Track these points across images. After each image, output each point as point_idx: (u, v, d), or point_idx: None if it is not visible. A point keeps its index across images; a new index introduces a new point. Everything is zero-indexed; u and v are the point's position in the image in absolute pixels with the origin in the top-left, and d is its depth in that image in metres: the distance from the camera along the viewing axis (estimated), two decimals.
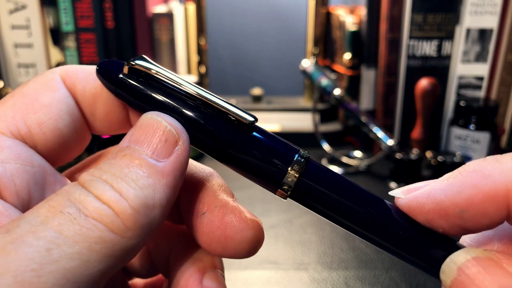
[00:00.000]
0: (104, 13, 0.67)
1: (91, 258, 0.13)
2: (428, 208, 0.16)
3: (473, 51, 0.65)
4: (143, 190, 0.15)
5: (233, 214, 0.17)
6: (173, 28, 0.75)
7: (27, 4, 0.67)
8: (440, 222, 0.16)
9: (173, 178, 0.15)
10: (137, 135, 0.16)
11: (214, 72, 1.03)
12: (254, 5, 1.04)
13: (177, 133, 0.16)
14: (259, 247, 0.17)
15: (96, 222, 0.14)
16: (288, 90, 1.05)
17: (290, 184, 0.17)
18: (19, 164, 0.16)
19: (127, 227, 0.14)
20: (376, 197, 0.17)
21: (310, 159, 0.18)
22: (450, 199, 0.15)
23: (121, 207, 0.14)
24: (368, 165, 0.68)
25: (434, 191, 0.16)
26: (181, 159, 0.16)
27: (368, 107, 0.74)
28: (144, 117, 0.16)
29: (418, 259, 0.17)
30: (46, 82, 0.18)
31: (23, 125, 0.17)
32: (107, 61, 0.18)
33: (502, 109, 0.66)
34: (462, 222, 0.15)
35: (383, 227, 0.17)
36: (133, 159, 0.15)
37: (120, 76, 0.17)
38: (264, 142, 0.17)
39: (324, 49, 0.84)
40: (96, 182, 0.14)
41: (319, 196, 0.17)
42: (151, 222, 0.15)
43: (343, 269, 0.44)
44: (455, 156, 0.60)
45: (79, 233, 0.13)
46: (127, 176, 0.15)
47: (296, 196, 0.18)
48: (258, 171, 0.17)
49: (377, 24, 0.69)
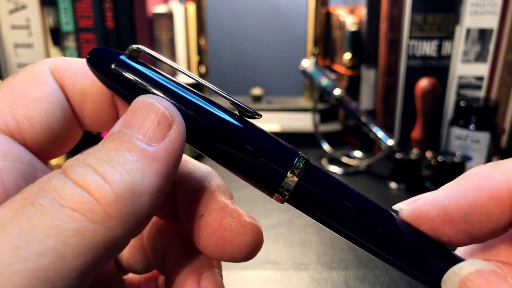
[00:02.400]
0: (104, 13, 0.67)
1: (67, 254, 0.12)
2: (432, 214, 0.16)
3: (473, 51, 0.65)
4: (130, 174, 0.13)
5: (232, 218, 0.16)
6: (173, 28, 0.75)
7: (27, 4, 0.67)
8: (445, 228, 0.15)
9: (165, 164, 0.14)
10: (129, 118, 0.15)
11: (214, 72, 1.03)
12: (254, 5, 1.04)
13: (171, 116, 0.15)
14: (258, 251, 0.17)
15: (72, 212, 0.12)
16: (288, 90, 1.05)
17: (289, 189, 0.16)
18: (8, 161, 0.15)
19: (109, 215, 0.13)
20: (378, 206, 0.17)
21: (309, 163, 0.17)
22: (454, 203, 0.15)
23: (103, 192, 0.13)
24: (368, 165, 0.68)
25: (438, 197, 0.16)
26: (174, 143, 0.15)
27: (368, 107, 0.74)
28: (136, 100, 0.15)
29: (418, 270, 0.16)
30: (35, 74, 0.17)
31: (11, 119, 0.16)
32: (98, 49, 0.17)
33: (502, 109, 0.66)
34: (467, 227, 0.15)
35: (383, 237, 0.16)
36: (122, 142, 0.14)
37: (113, 67, 0.16)
38: (262, 142, 0.16)
39: (324, 49, 0.84)
40: (77, 167, 0.13)
41: (317, 202, 0.16)
42: (139, 210, 0.13)
43: (343, 269, 0.44)
44: (455, 156, 0.60)
45: (52, 226, 0.12)
46: (114, 160, 0.13)
47: (294, 201, 0.17)
48: (255, 173, 0.16)
49: (377, 24, 0.69)
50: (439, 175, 0.60)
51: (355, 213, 0.16)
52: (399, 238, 0.16)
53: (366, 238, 0.16)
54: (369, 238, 0.16)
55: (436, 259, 0.16)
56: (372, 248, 0.16)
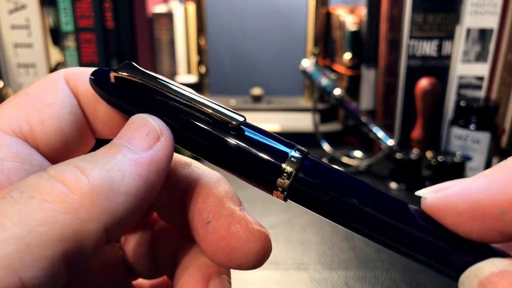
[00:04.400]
0: (104, 13, 0.67)
1: (32, 242, 0.12)
2: (461, 208, 0.14)
3: (473, 51, 0.65)
4: (110, 172, 0.14)
5: (240, 225, 0.16)
6: (173, 28, 0.75)
7: (27, 4, 0.67)
8: (474, 225, 0.14)
9: (147, 170, 0.15)
10: (122, 132, 0.16)
11: (214, 72, 1.03)
12: (254, 5, 1.04)
13: (160, 130, 0.16)
14: (266, 259, 0.16)
15: (43, 202, 0.12)
16: (288, 90, 1.05)
17: (286, 182, 0.16)
18: (17, 162, 0.16)
19: (81, 206, 0.13)
20: (388, 196, 0.15)
21: (308, 155, 0.16)
22: (490, 198, 0.13)
23: (78, 183, 0.13)
24: (368, 165, 0.67)
25: (469, 189, 0.14)
26: (160, 154, 0.15)
27: (368, 107, 0.74)
28: (132, 117, 0.17)
29: (441, 264, 0.14)
30: (50, 82, 0.18)
31: (25, 123, 0.17)
32: (101, 70, 0.18)
33: (502, 109, 0.66)
34: (502, 225, 0.13)
35: (393, 229, 0.15)
36: (110, 148, 0.15)
37: (111, 84, 0.17)
38: (255, 140, 0.16)
39: (324, 49, 0.84)
40: (59, 165, 0.14)
41: (319, 195, 0.16)
42: (113, 207, 0.13)
43: (343, 269, 0.44)
44: (455, 156, 0.60)
45: (18, 215, 0.12)
46: (98, 160, 0.14)
47: (295, 197, 0.16)
48: (251, 172, 0.16)
49: (377, 24, 0.69)
50: (439, 175, 0.60)
51: (362, 203, 0.15)
52: (412, 230, 0.15)
53: (375, 230, 0.15)
54: (379, 230, 0.15)
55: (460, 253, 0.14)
56: (384, 240, 0.15)
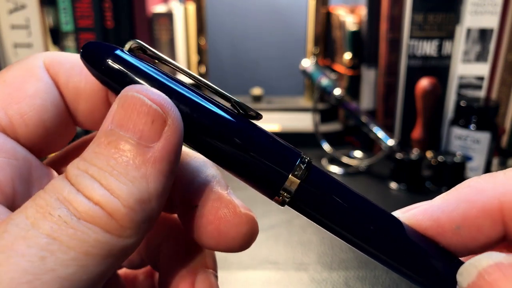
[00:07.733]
0: (104, 13, 0.67)
1: (88, 263, 0.13)
2: (425, 225, 0.16)
3: (474, 51, 0.65)
4: (135, 183, 0.13)
5: (227, 209, 0.16)
6: (173, 28, 0.75)
7: (27, 4, 0.67)
8: (438, 240, 0.16)
9: (167, 163, 0.14)
10: (120, 117, 0.14)
11: (214, 72, 1.02)
12: (254, 5, 1.04)
13: (164, 111, 0.14)
14: (253, 241, 0.17)
15: (91, 225, 0.13)
16: (288, 90, 1.05)
17: (290, 191, 0.16)
18: (2, 157, 0.15)
19: (124, 226, 0.13)
20: (382, 210, 0.16)
21: (312, 164, 0.16)
22: (447, 215, 0.15)
23: (114, 207, 0.13)
24: (368, 165, 0.67)
25: (431, 208, 0.16)
26: (172, 140, 0.14)
27: (368, 107, 0.74)
28: (125, 94, 0.14)
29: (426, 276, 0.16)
30: (30, 69, 0.16)
31: (4, 115, 0.16)
32: (92, 44, 0.16)
33: (503, 109, 0.66)
34: (459, 239, 0.15)
35: (387, 241, 0.16)
36: (118, 146, 0.14)
37: (108, 62, 0.15)
38: (263, 142, 0.16)
39: (324, 49, 0.83)
40: (83, 178, 0.13)
41: (319, 205, 0.16)
42: (149, 215, 0.14)
43: (343, 269, 0.44)
44: (456, 156, 0.60)
45: (74, 238, 0.12)
46: (115, 169, 0.13)
47: (294, 204, 0.16)
48: (255, 174, 0.16)
49: (377, 24, 0.69)
50: (440, 175, 0.60)
51: (357, 217, 0.16)
52: (404, 243, 0.16)
53: (369, 243, 0.16)
54: (372, 243, 0.16)
55: (444, 263, 0.15)
56: (374, 252, 0.16)
